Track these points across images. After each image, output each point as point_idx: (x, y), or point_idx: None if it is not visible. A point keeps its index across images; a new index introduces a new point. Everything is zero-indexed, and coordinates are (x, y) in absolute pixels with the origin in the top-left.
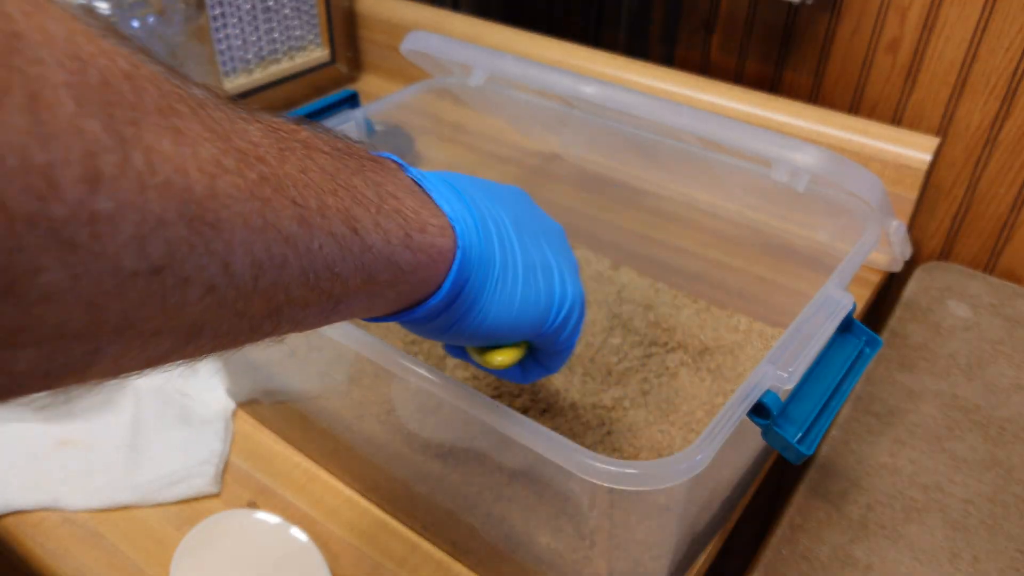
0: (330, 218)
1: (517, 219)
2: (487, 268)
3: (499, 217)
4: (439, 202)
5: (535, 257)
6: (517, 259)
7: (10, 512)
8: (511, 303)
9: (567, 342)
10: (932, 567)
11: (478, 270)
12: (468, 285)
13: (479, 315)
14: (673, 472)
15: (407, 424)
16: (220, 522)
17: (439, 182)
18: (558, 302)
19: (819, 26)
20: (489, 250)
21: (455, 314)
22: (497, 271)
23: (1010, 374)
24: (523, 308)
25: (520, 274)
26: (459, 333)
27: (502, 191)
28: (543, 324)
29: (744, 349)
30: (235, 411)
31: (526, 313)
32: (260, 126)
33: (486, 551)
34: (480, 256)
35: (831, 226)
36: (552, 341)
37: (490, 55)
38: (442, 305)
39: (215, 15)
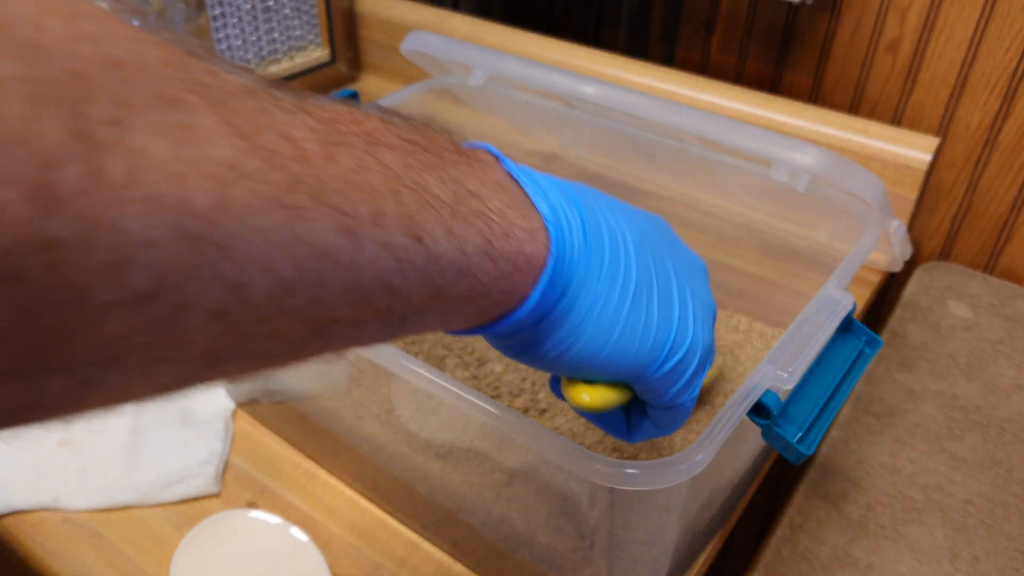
0: (386, 226)
1: (644, 238)
2: (590, 278)
3: (618, 227)
4: (535, 200)
5: (655, 282)
6: (631, 275)
7: (10, 512)
8: (612, 326)
9: (679, 397)
10: (932, 567)
11: (578, 278)
12: (565, 297)
13: (571, 333)
14: (673, 472)
15: (407, 424)
16: (220, 522)
17: (545, 180)
18: (673, 340)
19: (819, 26)
20: (596, 257)
21: (545, 329)
22: (603, 285)
23: (1010, 374)
24: (626, 336)
25: (631, 294)
26: (544, 355)
27: (635, 211)
28: (650, 364)
29: (744, 349)
30: (235, 411)
31: (628, 343)
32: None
33: (486, 551)
34: (582, 263)
35: (831, 226)
36: (660, 391)
37: (490, 55)
38: (531, 319)
39: (215, 15)
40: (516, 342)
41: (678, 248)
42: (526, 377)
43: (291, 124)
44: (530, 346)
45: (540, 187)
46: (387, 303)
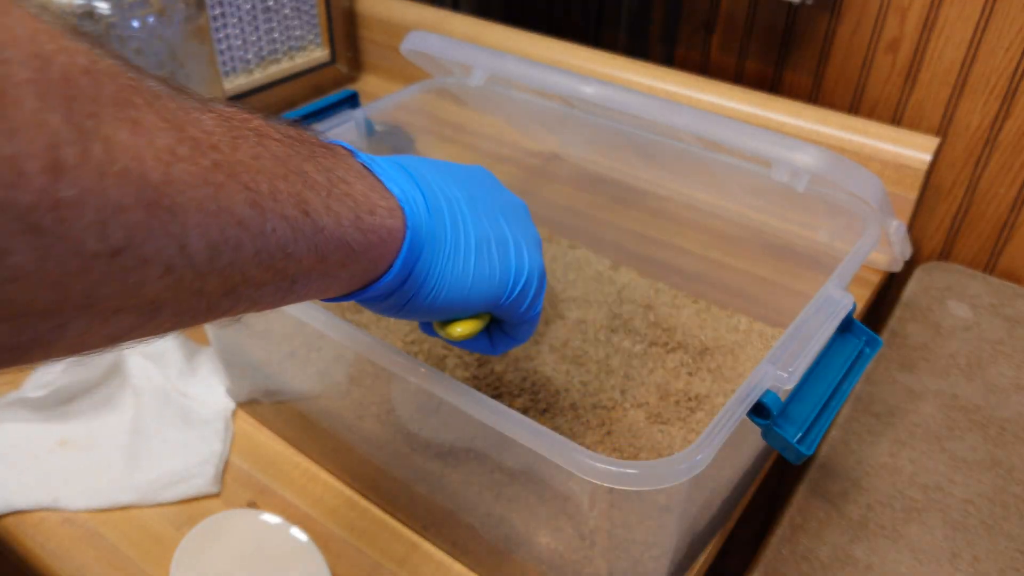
0: (282, 202)
1: (473, 197)
2: (438, 245)
3: (452, 195)
4: (388, 185)
5: (490, 232)
6: (471, 235)
7: (10, 512)
8: (464, 277)
9: (528, 313)
10: (932, 567)
11: (429, 247)
12: (419, 262)
13: (433, 291)
14: (673, 472)
15: (407, 424)
16: (220, 522)
17: (390, 166)
18: (514, 274)
19: (819, 26)
20: (440, 227)
21: (409, 291)
22: (449, 247)
23: (1010, 374)
24: (477, 282)
25: (473, 249)
26: (416, 309)
27: (460, 171)
28: (500, 297)
29: (744, 349)
30: (235, 411)
31: (481, 287)
32: (213, 116)
33: (486, 551)
34: (430, 234)
35: (831, 226)
36: (513, 312)
37: (490, 55)
38: (395, 283)
39: (215, 15)
40: (390, 303)
41: (502, 193)
42: (526, 377)
43: (203, 120)
44: (403, 304)
45: (389, 173)
46: (284, 266)
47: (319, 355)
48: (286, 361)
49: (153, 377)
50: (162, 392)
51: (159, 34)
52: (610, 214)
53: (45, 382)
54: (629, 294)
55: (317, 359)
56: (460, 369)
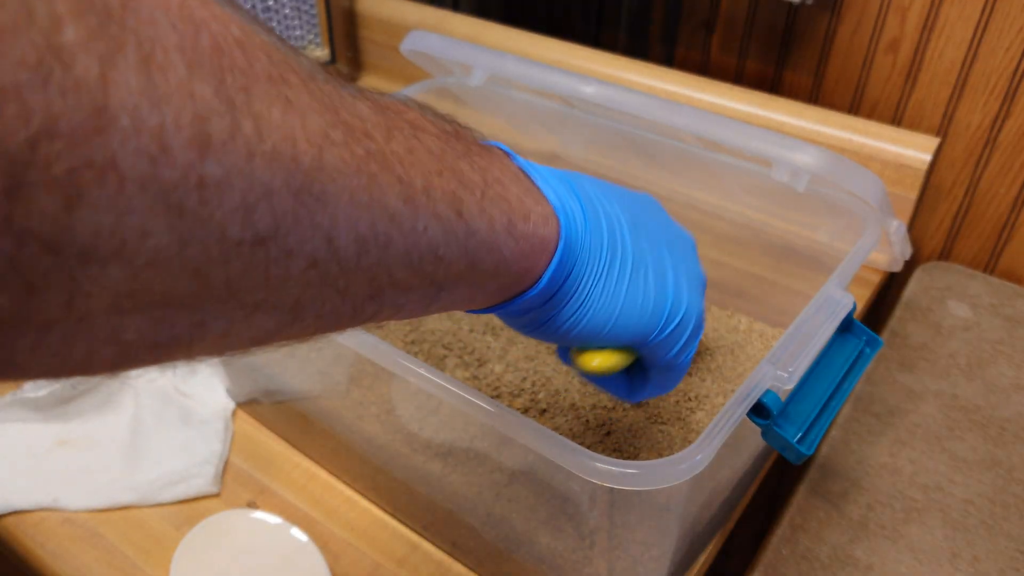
0: (436, 199)
1: (636, 220)
2: (592, 260)
3: (613, 212)
4: (544, 191)
5: (648, 259)
6: (627, 257)
7: (10, 512)
8: (613, 302)
9: (678, 358)
10: (932, 567)
11: (581, 261)
12: (569, 278)
13: (578, 311)
14: (673, 472)
15: (407, 424)
16: (220, 522)
17: (548, 172)
18: (669, 310)
19: (819, 26)
20: (595, 243)
21: (552, 308)
22: (602, 266)
23: (1010, 374)
24: (627, 310)
25: (628, 273)
26: (556, 330)
27: (626, 194)
28: (650, 331)
29: (744, 349)
30: (235, 411)
31: (630, 316)
32: (368, 103)
33: (486, 551)
34: (585, 247)
35: (831, 226)
36: (661, 353)
37: (490, 55)
38: (541, 298)
39: None
40: (530, 319)
41: (668, 225)
42: (526, 377)
43: (358, 106)
44: (543, 322)
45: (546, 179)
46: (433, 270)
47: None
48: (286, 361)
49: (153, 377)
50: (162, 392)
51: None
52: None
53: (45, 382)
54: None
55: (317, 359)
56: (460, 369)
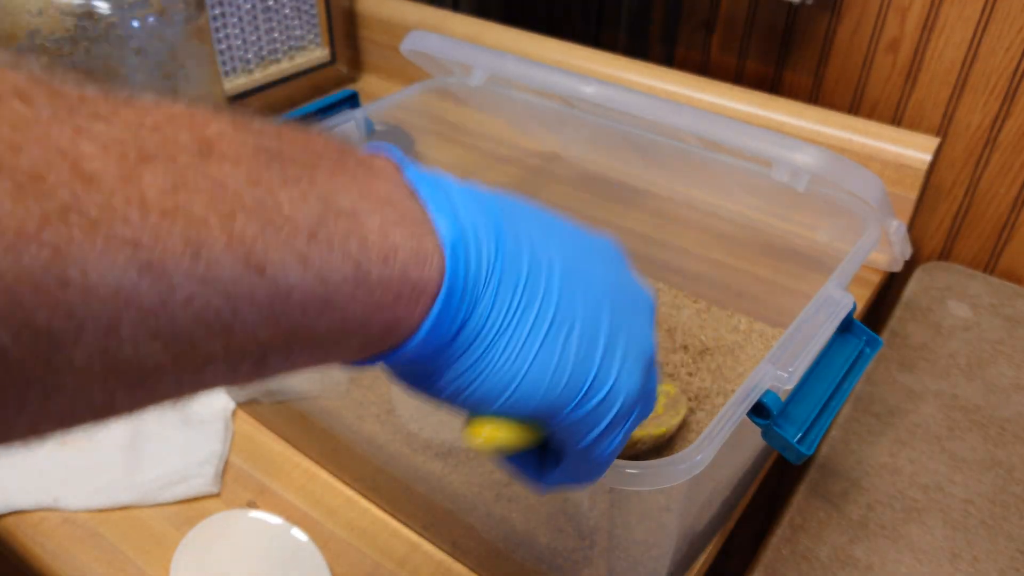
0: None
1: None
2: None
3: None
4: (436, 217)
5: (578, 316)
6: (549, 308)
7: (10, 512)
8: (519, 362)
9: (596, 446)
10: (932, 567)
11: (483, 308)
12: (466, 327)
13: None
14: (673, 472)
15: (407, 424)
16: (220, 522)
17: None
18: (591, 382)
19: (819, 26)
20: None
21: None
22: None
23: (1010, 374)
24: (535, 374)
25: (545, 328)
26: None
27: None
28: (561, 406)
29: (744, 349)
30: (235, 411)
31: (537, 382)
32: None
33: (486, 551)
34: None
35: (831, 226)
36: (573, 438)
37: (490, 55)
38: (424, 352)
39: (215, 15)
40: (407, 374)
41: (622, 280)
42: None
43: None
44: (425, 380)
45: (449, 200)
46: (222, 345)
47: None
48: None
49: None
50: None
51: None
52: (610, 214)
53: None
54: None
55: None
56: None
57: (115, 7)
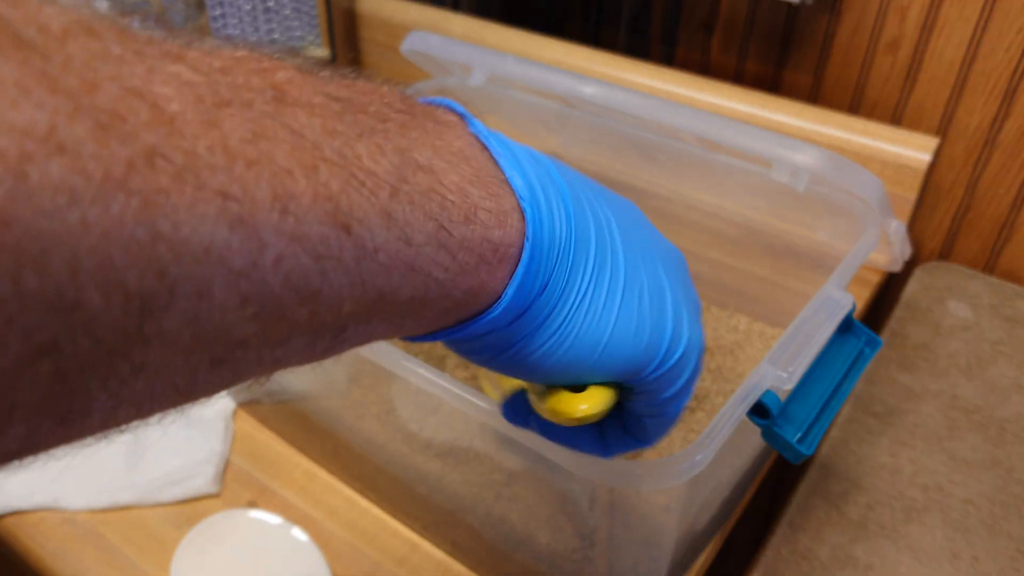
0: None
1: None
2: (576, 270)
3: (602, 213)
4: (507, 173)
5: (643, 275)
6: (619, 268)
7: (10, 512)
8: (603, 324)
9: (673, 402)
10: (932, 567)
11: (561, 270)
12: (545, 291)
13: (556, 334)
14: (673, 472)
15: (407, 424)
16: (220, 522)
17: (520, 149)
18: (670, 339)
19: (819, 26)
20: (582, 246)
21: (523, 330)
22: (591, 277)
23: (1010, 374)
24: (618, 336)
25: (621, 289)
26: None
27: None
28: (646, 365)
29: (744, 349)
30: (235, 411)
31: (623, 343)
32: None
33: (486, 551)
34: (566, 252)
35: (831, 226)
36: (656, 394)
37: (490, 55)
38: (506, 319)
39: (215, 15)
40: (486, 345)
41: (659, 239)
42: None
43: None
44: (508, 349)
45: (516, 158)
46: (308, 313)
47: None
48: None
49: None
50: None
51: None
52: None
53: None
54: None
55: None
56: (460, 369)
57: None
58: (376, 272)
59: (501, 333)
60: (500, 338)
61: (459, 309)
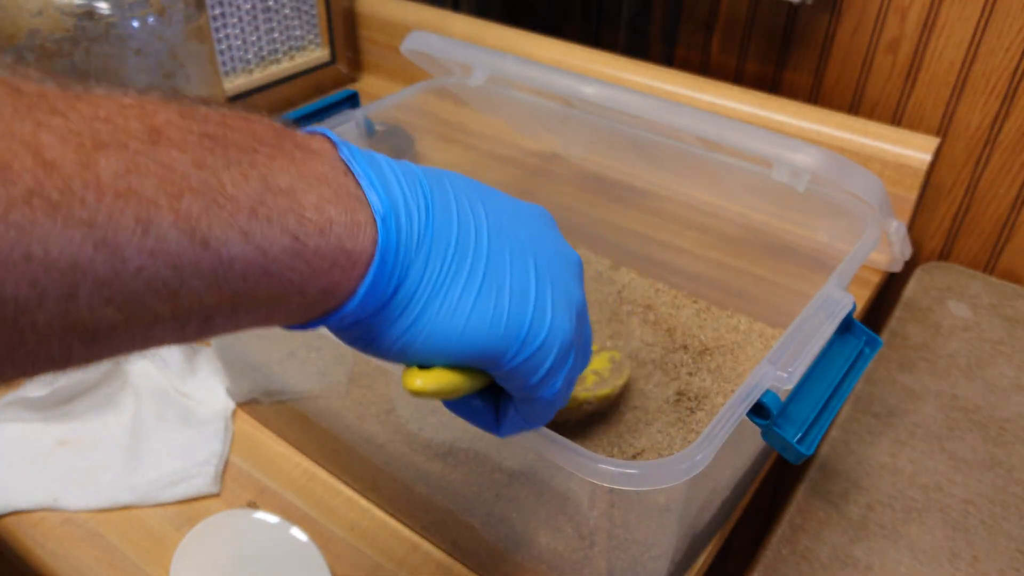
0: (158, 235)
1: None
2: (432, 268)
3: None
4: (368, 192)
5: (507, 271)
6: (480, 263)
7: (10, 512)
8: (457, 316)
9: (539, 389)
10: (932, 567)
11: (416, 270)
12: (402, 289)
13: (412, 325)
14: (673, 472)
15: (407, 424)
16: (220, 522)
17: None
18: (526, 333)
19: (819, 26)
20: (440, 246)
21: (384, 322)
22: (447, 273)
23: (1010, 374)
24: (473, 325)
25: (479, 282)
26: (388, 347)
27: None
28: (503, 354)
29: (744, 349)
30: (235, 411)
31: (477, 332)
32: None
33: (486, 551)
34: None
35: (831, 226)
36: (519, 382)
37: (490, 55)
38: (363, 312)
39: (215, 15)
40: (355, 336)
41: (548, 240)
42: None
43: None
44: (371, 339)
45: (380, 176)
46: (170, 308)
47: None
48: (286, 361)
49: (153, 377)
50: (162, 392)
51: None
52: (610, 214)
53: (45, 382)
54: (629, 294)
55: (317, 359)
56: None
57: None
58: (233, 277)
59: (366, 324)
60: (366, 329)
61: (319, 304)
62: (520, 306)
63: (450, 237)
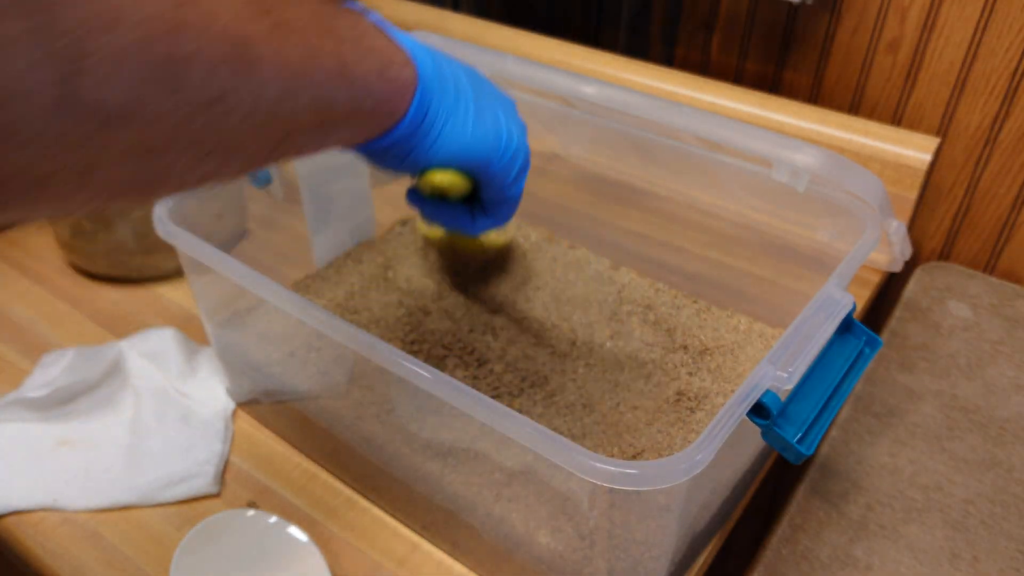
0: (323, 57)
1: (473, 78)
2: (442, 99)
3: (454, 67)
4: (400, 43)
5: (484, 104)
6: (469, 100)
7: (10, 512)
8: (463, 131)
9: (511, 188)
10: (932, 567)
11: (436, 100)
12: (428, 113)
13: (438, 138)
14: (673, 472)
15: (407, 424)
16: (220, 522)
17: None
18: (505, 141)
19: (819, 26)
20: (444, 86)
21: (418, 137)
22: (451, 102)
23: (1010, 374)
24: (476, 138)
25: (472, 112)
26: (421, 154)
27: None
28: (493, 157)
29: (744, 349)
30: (235, 411)
31: (479, 143)
32: None
33: (486, 551)
34: (436, 89)
35: (831, 226)
36: (499, 181)
37: (490, 55)
38: (409, 129)
39: None
40: (398, 151)
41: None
42: (526, 377)
43: None
44: (408, 152)
45: (403, 36)
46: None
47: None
48: (286, 361)
49: (153, 377)
50: (162, 392)
51: None
52: (610, 214)
53: (45, 382)
54: (629, 294)
55: (317, 359)
56: (460, 369)
57: None
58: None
59: (406, 141)
60: (406, 144)
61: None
62: (498, 128)
63: (447, 80)
